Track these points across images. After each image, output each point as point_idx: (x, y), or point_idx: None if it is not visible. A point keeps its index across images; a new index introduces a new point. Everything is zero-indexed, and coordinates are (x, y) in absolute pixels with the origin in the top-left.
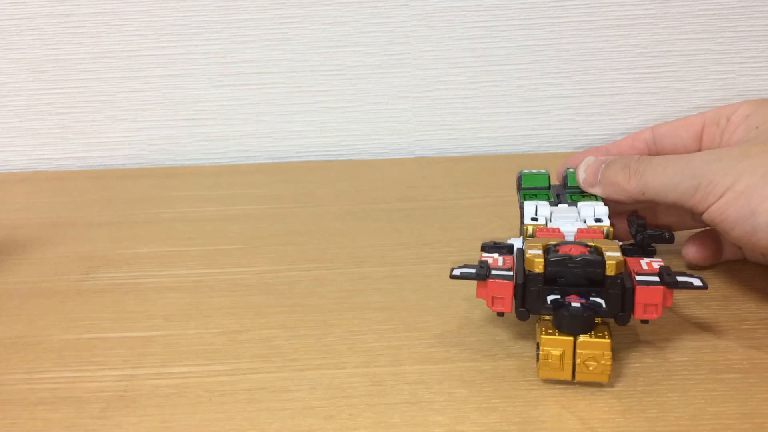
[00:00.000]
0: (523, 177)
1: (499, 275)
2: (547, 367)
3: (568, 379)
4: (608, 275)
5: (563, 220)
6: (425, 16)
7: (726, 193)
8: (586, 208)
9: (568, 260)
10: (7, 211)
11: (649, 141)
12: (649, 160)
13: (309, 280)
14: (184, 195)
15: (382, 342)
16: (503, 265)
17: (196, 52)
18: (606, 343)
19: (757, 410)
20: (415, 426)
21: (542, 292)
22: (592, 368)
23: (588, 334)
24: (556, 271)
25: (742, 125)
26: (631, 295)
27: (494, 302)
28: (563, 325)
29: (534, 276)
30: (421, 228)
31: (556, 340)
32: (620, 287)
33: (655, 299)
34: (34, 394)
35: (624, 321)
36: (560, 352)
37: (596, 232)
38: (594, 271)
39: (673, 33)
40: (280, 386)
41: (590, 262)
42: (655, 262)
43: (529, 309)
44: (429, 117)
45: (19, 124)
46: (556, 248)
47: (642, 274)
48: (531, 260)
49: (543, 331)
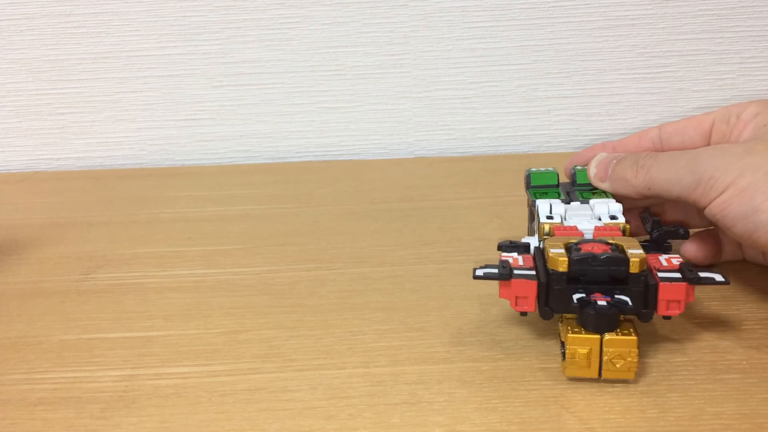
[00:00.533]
0: (531, 175)
1: (522, 275)
2: (574, 366)
3: (594, 377)
4: (632, 272)
5: (578, 218)
6: (425, 17)
7: (728, 189)
8: (600, 205)
9: (592, 259)
10: (7, 212)
11: (655, 139)
12: (656, 156)
13: (309, 280)
14: (183, 195)
15: (382, 342)
16: (524, 264)
17: (196, 53)
18: (633, 340)
19: (757, 410)
20: (415, 426)
21: (566, 290)
22: (619, 365)
23: (614, 332)
24: (580, 269)
25: (750, 123)
26: (655, 292)
27: (518, 302)
28: (590, 323)
29: (558, 275)
30: (421, 228)
31: (583, 338)
32: (644, 284)
33: (679, 295)
34: (33, 395)
35: (647, 318)
36: (587, 350)
37: (614, 229)
38: (618, 269)
39: (673, 33)
40: (279, 386)
41: (614, 260)
42: (674, 259)
43: (553, 308)
44: (429, 117)
45: (19, 124)
46: (578, 247)
47: (663, 270)
48: (555, 259)
49: (569, 330)
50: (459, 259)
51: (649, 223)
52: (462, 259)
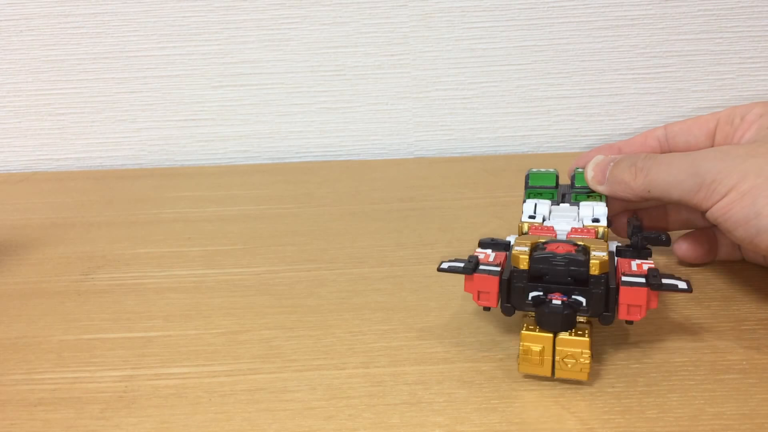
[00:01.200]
0: (530, 175)
1: (485, 270)
2: (526, 362)
3: (547, 375)
4: (592, 274)
5: (560, 219)
6: (424, 17)
7: (730, 192)
8: (586, 207)
9: (552, 258)
10: (7, 212)
11: (661, 139)
12: (655, 158)
13: (309, 281)
14: (183, 195)
15: (382, 342)
16: (493, 261)
17: (196, 53)
18: (584, 342)
19: (756, 410)
20: (415, 426)
21: (526, 288)
22: (571, 366)
23: (568, 332)
24: (540, 268)
25: (755, 124)
26: (615, 295)
27: (480, 296)
28: (543, 321)
29: (519, 272)
30: (421, 228)
31: (536, 336)
32: (604, 287)
33: (639, 300)
34: (33, 395)
35: (608, 321)
36: (540, 348)
37: (589, 231)
38: (578, 270)
39: (672, 33)
40: (279, 387)
41: (574, 261)
42: (645, 264)
43: (514, 304)
44: (428, 117)
45: (19, 124)
46: (543, 246)
47: (629, 275)
48: (516, 257)
49: (524, 327)
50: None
51: (631, 227)
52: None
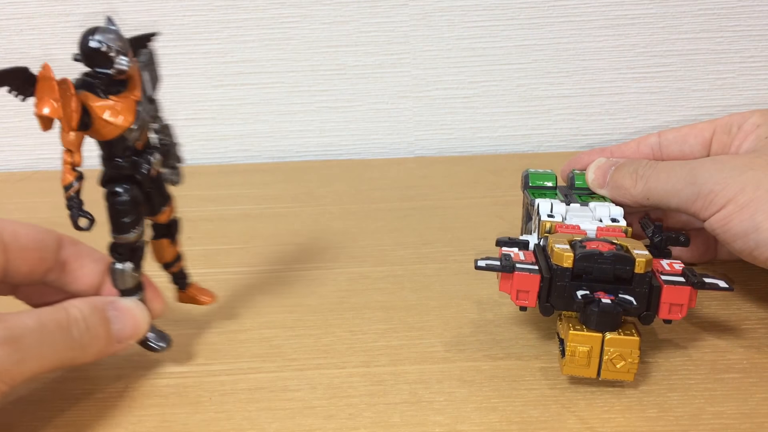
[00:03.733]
0: (530, 175)
1: (526, 268)
2: (573, 364)
3: (593, 376)
4: (637, 272)
5: (579, 218)
6: (425, 16)
7: (728, 204)
8: (602, 208)
9: (598, 256)
10: (8, 211)
11: (654, 146)
12: (655, 165)
13: (309, 280)
14: (183, 194)
15: (382, 342)
16: (526, 259)
17: (196, 52)
18: (635, 341)
19: (756, 410)
20: (415, 426)
21: (569, 287)
22: (620, 366)
23: (616, 332)
24: (585, 266)
25: (752, 134)
26: (658, 294)
27: (519, 296)
28: (592, 321)
29: (562, 270)
30: (421, 227)
31: (584, 336)
32: (648, 285)
33: (682, 299)
34: (33, 394)
35: (649, 320)
36: (588, 348)
37: (617, 230)
38: (624, 268)
39: (673, 33)
40: (279, 386)
41: (621, 259)
42: (675, 263)
43: (554, 304)
44: (428, 117)
45: (19, 123)
46: (582, 244)
47: (667, 274)
48: (560, 254)
49: (570, 327)
50: (459, 259)
51: (651, 228)
52: (462, 258)
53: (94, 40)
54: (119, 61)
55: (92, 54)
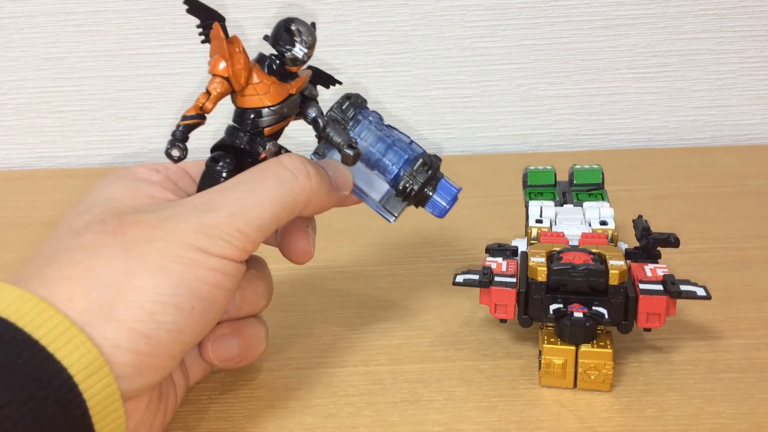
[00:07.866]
0: (528, 174)
1: (502, 282)
2: (549, 375)
3: (569, 386)
4: (611, 284)
5: (568, 222)
6: (425, 15)
7: None
8: (592, 209)
9: (571, 269)
10: (8, 209)
11: None
12: None
13: (309, 279)
14: None
15: (382, 341)
16: (507, 271)
17: (197, 51)
18: (608, 353)
19: (755, 409)
20: (415, 424)
21: (545, 300)
22: (594, 377)
23: (590, 344)
24: (559, 279)
25: None
26: (635, 304)
27: (497, 309)
28: (565, 334)
29: (537, 284)
30: (421, 227)
31: (558, 349)
32: (623, 296)
33: (659, 309)
34: None
35: (627, 329)
36: (562, 361)
37: (601, 237)
38: (597, 281)
39: (673, 33)
40: (279, 385)
41: (593, 272)
42: (659, 269)
43: (532, 316)
44: (428, 116)
45: (20, 122)
46: (559, 255)
47: (645, 282)
48: (534, 268)
49: (545, 340)
50: (459, 258)
51: (639, 230)
52: (462, 258)
53: (291, 21)
54: (298, 48)
55: (280, 32)
